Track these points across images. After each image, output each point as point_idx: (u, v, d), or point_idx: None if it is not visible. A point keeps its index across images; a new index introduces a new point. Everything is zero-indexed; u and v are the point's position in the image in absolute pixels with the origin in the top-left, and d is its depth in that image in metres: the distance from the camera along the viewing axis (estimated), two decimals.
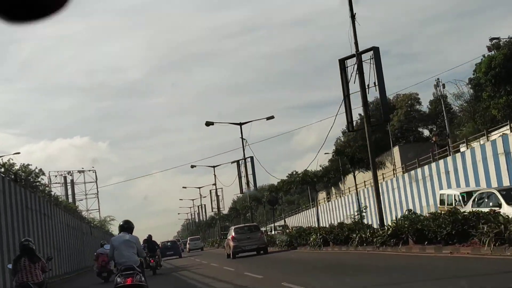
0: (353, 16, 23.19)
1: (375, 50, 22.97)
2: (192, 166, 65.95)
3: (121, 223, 11.05)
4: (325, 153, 58.15)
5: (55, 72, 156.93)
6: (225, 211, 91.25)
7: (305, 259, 23.16)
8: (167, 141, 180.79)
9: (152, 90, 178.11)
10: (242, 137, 43.77)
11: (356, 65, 23.23)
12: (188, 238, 72.30)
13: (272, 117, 43.66)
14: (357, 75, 23.31)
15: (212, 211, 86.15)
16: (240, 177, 48.13)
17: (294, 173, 70.23)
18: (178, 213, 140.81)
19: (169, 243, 48.95)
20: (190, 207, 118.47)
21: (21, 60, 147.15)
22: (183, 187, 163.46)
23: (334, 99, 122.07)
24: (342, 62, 24.30)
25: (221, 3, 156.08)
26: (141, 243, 12.75)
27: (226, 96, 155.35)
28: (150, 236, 27.57)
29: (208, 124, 43.96)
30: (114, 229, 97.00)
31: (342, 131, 70.45)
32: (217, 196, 77.48)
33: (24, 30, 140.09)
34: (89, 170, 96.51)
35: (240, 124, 43.71)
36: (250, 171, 45.91)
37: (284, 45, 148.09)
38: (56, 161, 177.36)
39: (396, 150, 60.16)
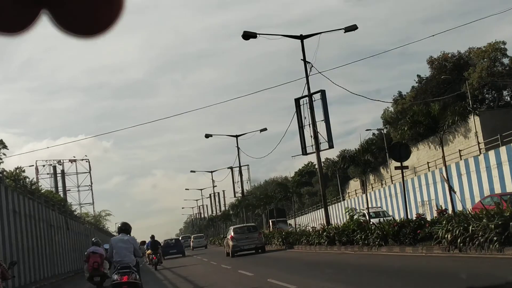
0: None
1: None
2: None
3: (119, 225, 12.12)
4: (367, 130, 54.41)
5: (56, 72, 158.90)
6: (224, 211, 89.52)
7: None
8: (168, 140, 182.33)
9: (152, 90, 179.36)
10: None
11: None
12: (192, 236, 72.62)
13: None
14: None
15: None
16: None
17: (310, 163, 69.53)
18: (183, 207, 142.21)
19: (172, 242, 47.46)
20: (193, 207, 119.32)
21: (22, 60, 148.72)
22: (186, 189, 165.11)
23: (334, 99, 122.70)
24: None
25: (221, 3, 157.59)
26: (139, 243, 14.26)
27: (223, 95, 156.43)
28: (153, 236, 31.24)
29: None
30: (111, 225, 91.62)
31: (394, 98, 59.19)
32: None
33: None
34: (82, 159, 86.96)
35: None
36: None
37: (283, 46, 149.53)
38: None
39: (475, 120, 44.26)
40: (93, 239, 21.49)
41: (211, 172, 71.74)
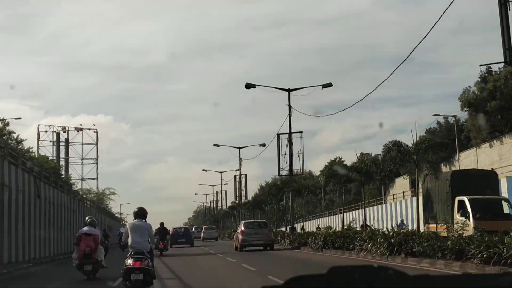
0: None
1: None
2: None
3: (136, 210, 12.04)
4: (435, 115, 46.91)
5: (80, 48, 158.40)
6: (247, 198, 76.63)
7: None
8: (184, 128, 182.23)
9: (174, 76, 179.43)
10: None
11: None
12: (203, 227, 69.42)
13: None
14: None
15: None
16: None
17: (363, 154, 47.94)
18: (195, 193, 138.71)
19: (181, 230, 45.06)
20: (207, 195, 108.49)
21: (46, 34, 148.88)
22: (203, 170, 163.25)
23: (351, 102, 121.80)
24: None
25: None
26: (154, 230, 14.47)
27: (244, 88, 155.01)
28: (162, 223, 31.26)
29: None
30: (114, 206, 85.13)
31: (481, 74, 46.26)
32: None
33: (51, 5, 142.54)
34: (89, 129, 77.30)
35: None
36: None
37: (310, 42, 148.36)
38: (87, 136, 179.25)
39: None
40: (87, 218, 17.76)
41: (239, 148, 60.64)
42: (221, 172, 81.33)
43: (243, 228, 33.00)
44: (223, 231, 77.76)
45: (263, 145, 47.37)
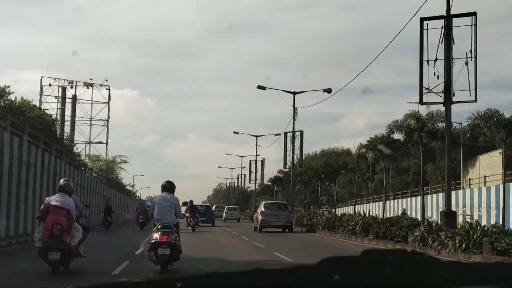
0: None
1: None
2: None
3: (164, 183, 11.90)
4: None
5: (107, 23, 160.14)
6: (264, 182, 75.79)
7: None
8: (206, 106, 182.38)
9: (198, 53, 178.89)
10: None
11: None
12: (226, 207, 66.41)
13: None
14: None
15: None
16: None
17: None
18: (217, 176, 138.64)
19: (203, 209, 41.92)
20: (227, 179, 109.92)
21: (74, 7, 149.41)
22: (226, 154, 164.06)
23: (376, 86, 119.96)
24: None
25: None
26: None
27: (269, 68, 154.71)
28: (191, 201, 31.73)
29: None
30: (126, 176, 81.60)
31: None
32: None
33: None
34: (101, 85, 65.30)
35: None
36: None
37: (336, 26, 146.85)
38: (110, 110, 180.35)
39: None
40: (61, 181, 11.92)
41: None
42: (241, 157, 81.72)
43: (263, 209, 32.87)
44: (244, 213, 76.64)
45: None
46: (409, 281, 1.45)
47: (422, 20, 20.40)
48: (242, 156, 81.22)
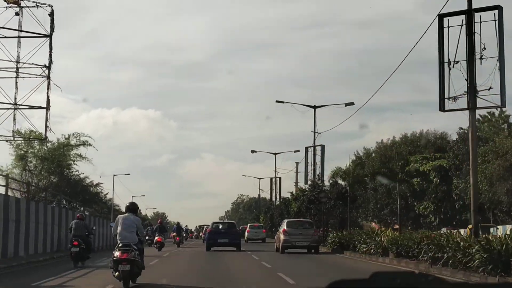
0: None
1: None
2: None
3: (128, 204, 13.25)
4: None
5: (119, 44, 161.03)
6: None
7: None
8: (220, 126, 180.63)
9: (211, 74, 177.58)
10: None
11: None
12: (248, 225, 58.55)
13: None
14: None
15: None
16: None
17: None
18: (244, 175, 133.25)
19: (224, 227, 33.55)
20: (247, 195, 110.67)
21: (88, 29, 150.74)
22: (243, 175, 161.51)
23: (389, 105, 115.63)
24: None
25: None
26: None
27: (283, 88, 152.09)
28: (178, 223, 40.58)
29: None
30: (87, 169, 75.77)
31: None
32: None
33: (91, 0, 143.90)
34: (37, 5, 36.45)
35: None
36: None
37: (349, 44, 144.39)
38: (126, 130, 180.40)
39: None
40: None
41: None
42: (259, 179, 79.74)
43: (285, 228, 30.17)
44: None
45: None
46: None
47: (441, 16, 18.32)
48: (260, 178, 79.26)
